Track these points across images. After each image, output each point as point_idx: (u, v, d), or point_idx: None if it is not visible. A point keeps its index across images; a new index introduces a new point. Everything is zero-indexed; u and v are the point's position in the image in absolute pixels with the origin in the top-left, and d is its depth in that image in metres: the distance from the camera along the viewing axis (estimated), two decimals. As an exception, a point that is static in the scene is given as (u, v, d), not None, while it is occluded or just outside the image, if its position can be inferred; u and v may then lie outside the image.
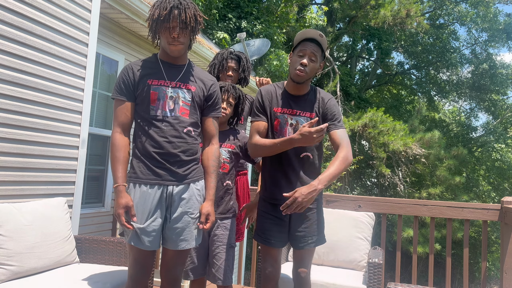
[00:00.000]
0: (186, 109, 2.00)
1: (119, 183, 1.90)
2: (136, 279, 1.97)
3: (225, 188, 2.36)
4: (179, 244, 1.97)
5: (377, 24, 14.61)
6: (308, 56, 2.15)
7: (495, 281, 16.50)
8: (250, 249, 9.39)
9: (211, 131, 2.10)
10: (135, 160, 1.98)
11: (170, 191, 1.96)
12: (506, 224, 2.88)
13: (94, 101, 4.40)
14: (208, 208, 2.00)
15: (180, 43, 1.94)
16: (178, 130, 1.97)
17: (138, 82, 1.98)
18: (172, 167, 1.96)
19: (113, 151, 1.95)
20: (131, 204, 1.89)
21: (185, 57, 2.08)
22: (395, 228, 13.59)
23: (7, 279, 2.12)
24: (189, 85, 2.03)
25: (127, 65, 2.04)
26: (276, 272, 2.23)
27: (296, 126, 2.21)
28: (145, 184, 1.94)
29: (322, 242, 2.27)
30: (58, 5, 2.87)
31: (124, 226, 1.87)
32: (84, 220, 4.11)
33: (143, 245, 1.92)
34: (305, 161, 2.20)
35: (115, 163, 1.93)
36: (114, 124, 1.99)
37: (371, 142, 12.30)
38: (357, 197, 3.25)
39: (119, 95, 1.98)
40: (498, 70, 19.45)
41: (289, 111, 2.22)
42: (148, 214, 1.92)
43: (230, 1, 11.45)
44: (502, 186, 17.75)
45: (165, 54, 2.03)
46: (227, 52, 2.74)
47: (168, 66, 2.03)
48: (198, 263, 2.30)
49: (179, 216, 1.96)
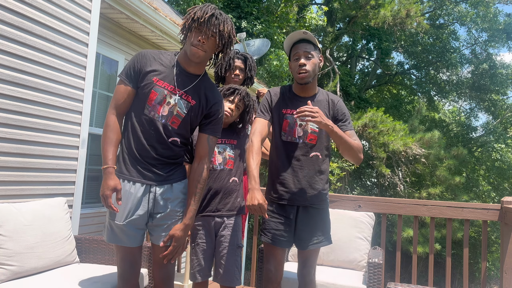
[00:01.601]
0: (178, 119, 1.96)
1: (109, 165, 1.87)
2: (125, 277, 1.97)
3: (232, 184, 2.33)
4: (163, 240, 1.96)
5: (377, 24, 14.60)
6: (303, 56, 2.19)
7: (495, 281, 16.50)
8: (250, 249, 9.38)
9: (204, 150, 2.02)
10: (120, 155, 1.96)
11: (153, 191, 1.95)
12: (506, 224, 2.88)
13: (94, 101, 4.40)
14: (177, 232, 1.94)
15: (203, 50, 1.88)
16: (164, 138, 1.94)
17: (145, 75, 1.93)
18: (155, 169, 1.95)
19: (106, 131, 1.91)
20: (120, 187, 1.86)
21: (202, 68, 2.01)
22: (395, 228, 13.59)
23: (7, 279, 2.12)
24: (191, 98, 1.98)
25: (143, 52, 1.97)
26: (278, 274, 2.24)
27: (306, 126, 2.23)
28: (128, 181, 1.93)
29: (327, 242, 2.27)
30: (58, 5, 2.87)
31: (110, 207, 1.84)
32: (84, 220, 4.10)
33: (122, 242, 1.92)
34: (314, 161, 2.22)
35: (107, 144, 1.89)
36: (111, 106, 1.95)
37: (371, 142, 12.30)
38: (357, 197, 3.25)
39: (125, 78, 1.94)
40: (498, 70, 19.44)
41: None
42: (128, 213, 1.91)
43: (230, 1, 11.45)
44: (502, 186, 17.75)
45: (184, 58, 1.97)
46: (233, 52, 2.74)
47: (181, 71, 1.97)
48: (205, 265, 2.28)
49: (165, 213, 1.96)
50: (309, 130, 2.23)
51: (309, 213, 2.23)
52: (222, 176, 2.31)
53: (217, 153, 2.33)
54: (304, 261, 2.28)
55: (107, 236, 1.96)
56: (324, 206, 2.28)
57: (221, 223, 2.30)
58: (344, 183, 12.63)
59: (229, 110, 2.32)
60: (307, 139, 2.23)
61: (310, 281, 2.29)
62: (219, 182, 2.30)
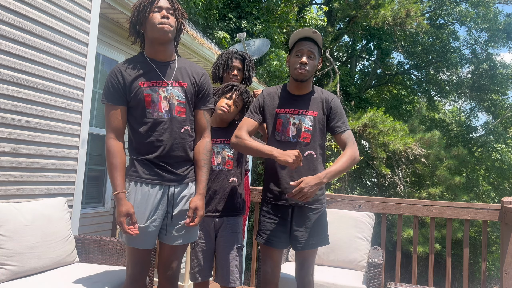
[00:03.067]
0: (182, 107, 1.98)
1: (118, 191, 1.88)
2: (136, 278, 1.97)
3: (231, 185, 2.33)
4: (179, 240, 1.98)
5: (377, 24, 14.60)
6: (306, 55, 2.17)
7: (495, 281, 16.50)
8: (250, 249, 9.38)
9: (203, 124, 2.07)
10: (135, 159, 1.96)
11: (172, 192, 1.96)
12: (506, 224, 2.87)
13: (94, 101, 4.40)
14: (197, 202, 1.97)
15: (170, 25, 1.90)
16: (176, 131, 1.96)
17: (129, 86, 1.93)
18: (172, 168, 1.96)
19: (109, 158, 1.91)
20: (132, 211, 1.88)
21: (172, 51, 2.03)
22: (395, 228, 13.59)
23: (7, 279, 2.12)
24: (182, 82, 1.99)
25: (115, 68, 1.97)
26: (276, 275, 2.23)
27: (299, 125, 2.20)
28: (147, 184, 1.93)
29: (324, 243, 2.26)
30: (58, 5, 2.87)
31: (127, 233, 1.85)
32: (84, 220, 4.10)
33: (142, 244, 1.93)
34: (308, 160, 2.20)
35: (113, 171, 1.90)
36: (107, 130, 1.95)
37: (371, 142, 12.30)
38: (357, 197, 3.25)
39: (110, 100, 1.93)
40: (498, 70, 19.44)
41: (291, 110, 2.22)
42: (149, 214, 1.92)
43: (230, 1, 11.45)
44: (502, 186, 17.73)
45: (152, 50, 1.98)
46: (231, 52, 2.73)
47: (158, 64, 1.98)
48: (205, 265, 2.28)
49: (180, 213, 1.98)
50: (302, 128, 2.20)
51: (304, 213, 2.21)
52: (221, 177, 2.31)
53: (215, 154, 2.33)
54: (302, 262, 2.26)
55: (127, 239, 1.94)
56: (320, 206, 2.25)
57: (220, 223, 2.30)
58: (344, 183, 12.63)
59: (226, 106, 2.31)
60: (301, 137, 2.20)
61: (309, 282, 2.27)
62: (218, 182, 2.30)
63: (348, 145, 2.18)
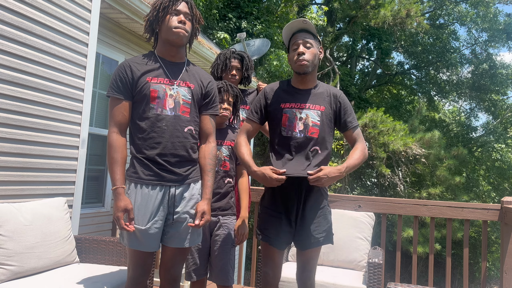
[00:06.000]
0: (187, 107, 1.98)
1: (117, 186, 1.86)
2: (137, 280, 1.96)
3: (227, 185, 2.36)
4: (181, 242, 1.97)
5: (377, 24, 14.60)
6: (302, 45, 2.12)
7: (495, 281, 16.49)
8: (250, 249, 9.38)
9: (208, 129, 2.07)
10: (135, 159, 1.95)
11: (172, 193, 1.95)
12: (506, 224, 2.87)
13: (94, 101, 4.40)
14: (204, 207, 1.97)
15: (186, 30, 1.93)
16: (179, 129, 1.95)
17: (137, 80, 1.92)
18: (174, 168, 1.94)
19: (110, 152, 1.90)
20: (130, 207, 1.86)
21: (183, 54, 2.06)
22: (395, 228, 13.59)
23: (7, 279, 2.12)
24: (189, 83, 2.00)
25: (124, 63, 1.97)
26: (276, 277, 2.19)
27: (306, 119, 2.13)
28: (147, 185, 1.91)
29: (328, 241, 2.18)
30: (58, 5, 2.87)
31: (124, 229, 1.84)
32: (84, 220, 4.11)
33: (144, 247, 1.90)
34: (314, 155, 2.16)
35: (113, 165, 1.88)
36: (110, 124, 1.93)
37: (371, 142, 12.29)
38: (357, 197, 3.25)
39: (116, 93, 1.92)
40: (498, 70, 19.44)
41: (297, 105, 2.15)
42: (150, 216, 1.90)
43: (230, 1, 11.45)
44: (502, 186, 17.73)
45: (164, 50, 2.00)
46: (230, 52, 2.73)
47: (167, 63, 2.00)
48: (200, 264, 2.30)
49: (181, 215, 1.96)
50: (310, 123, 2.12)
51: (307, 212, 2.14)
52: (217, 178, 2.33)
53: None
54: (304, 264, 2.18)
55: (129, 241, 1.91)
56: (323, 205, 2.18)
57: (216, 222, 2.33)
58: (344, 183, 12.63)
59: (225, 109, 2.36)
60: (308, 132, 2.12)
61: (311, 285, 2.20)
62: (214, 183, 2.32)
63: (358, 140, 2.19)
